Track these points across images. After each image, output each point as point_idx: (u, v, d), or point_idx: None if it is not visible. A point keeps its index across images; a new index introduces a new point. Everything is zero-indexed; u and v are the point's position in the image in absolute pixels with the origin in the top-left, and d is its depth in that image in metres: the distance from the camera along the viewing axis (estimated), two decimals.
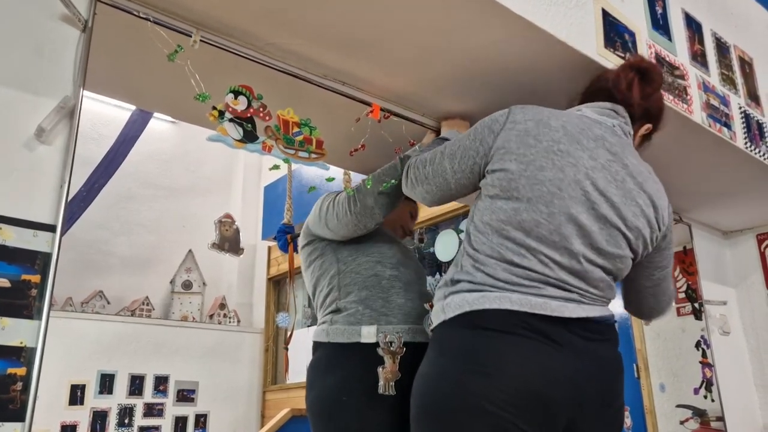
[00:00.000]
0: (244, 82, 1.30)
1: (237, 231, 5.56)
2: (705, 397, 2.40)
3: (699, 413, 2.78)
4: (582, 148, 1.19)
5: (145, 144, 6.37)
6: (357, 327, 1.48)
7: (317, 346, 1.59)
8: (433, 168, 1.31)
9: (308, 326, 5.87)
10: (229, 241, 5.54)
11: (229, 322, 6.17)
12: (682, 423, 2.80)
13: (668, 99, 1.65)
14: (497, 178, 1.18)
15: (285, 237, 3.31)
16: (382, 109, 1.56)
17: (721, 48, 1.99)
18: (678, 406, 2.84)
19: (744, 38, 2.15)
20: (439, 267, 4.52)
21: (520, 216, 1.15)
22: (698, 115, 1.76)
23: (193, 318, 6.05)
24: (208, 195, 6.76)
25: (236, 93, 1.29)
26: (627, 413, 2.25)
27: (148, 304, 5.88)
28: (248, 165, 6.92)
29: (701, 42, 1.88)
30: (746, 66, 2.11)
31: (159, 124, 6.59)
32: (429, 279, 1.53)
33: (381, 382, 1.36)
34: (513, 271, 1.14)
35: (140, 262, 6.10)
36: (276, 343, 6.29)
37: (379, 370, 1.37)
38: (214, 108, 1.25)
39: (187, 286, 6.18)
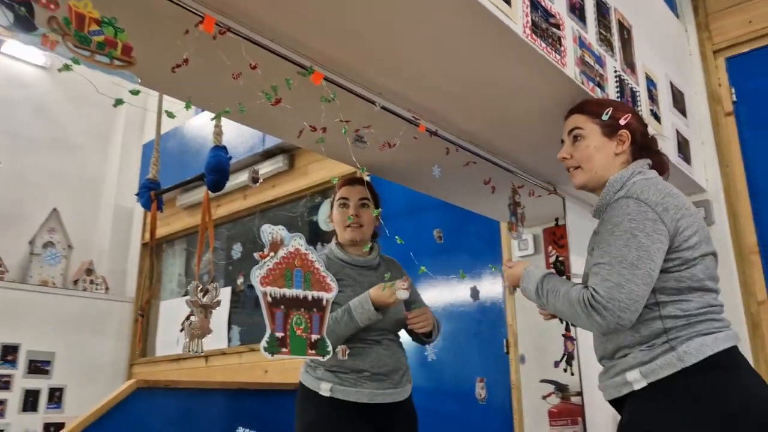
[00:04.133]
0: None
1: None
2: (565, 370, 2.36)
3: (561, 388, 2.78)
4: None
5: (10, 89, 5.71)
6: None
7: None
8: (633, 282, 1.33)
9: (183, 296, 5.52)
10: None
11: (96, 289, 5.68)
12: (544, 398, 2.79)
13: (540, 46, 1.53)
14: (685, 253, 1.38)
15: (148, 193, 2.96)
16: (217, 23, 1.32)
17: (601, 8, 1.91)
18: (541, 381, 2.83)
19: (625, 4, 2.09)
20: (320, 237, 4.34)
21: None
22: (571, 70, 1.66)
23: (54, 283, 5.52)
24: (82, 151, 6.18)
25: None
26: (483, 384, 2.17)
27: (0, 266, 5.29)
28: (130, 121, 6.39)
29: None
30: (625, 32, 2.05)
31: (28, 69, 5.93)
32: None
33: (186, 339, 1.15)
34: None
35: None
36: (149, 313, 5.88)
37: (186, 324, 1.16)
38: None
39: (50, 247, 5.62)
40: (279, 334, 1.33)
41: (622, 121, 1.53)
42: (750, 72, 2.71)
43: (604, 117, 1.54)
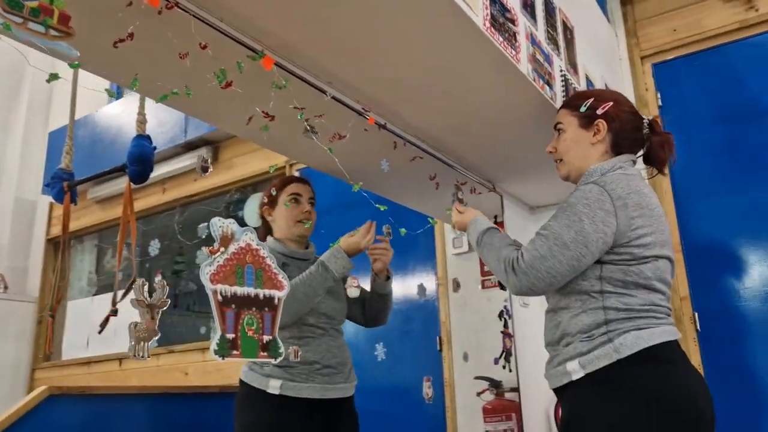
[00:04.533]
0: None
1: None
2: (504, 367, 2.39)
3: (495, 384, 2.81)
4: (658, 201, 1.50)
5: None
6: None
7: None
8: (557, 260, 1.39)
9: (93, 295, 5.19)
10: None
11: None
12: (478, 395, 2.81)
13: (498, 40, 1.51)
14: (635, 249, 1.40)
15: (61, 184, 2.74)
16: None
17: (548, 6, 1.92)
18: (476, 378, 2.85)
19: (567, 5, 2.12)
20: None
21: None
22: (525, 66, 1.65)
23: None
24: None
25: None
26: (430, 384, 2.15)
27: None
28: (34, 106, 5.92)
29: None
30: (568, 32, 2.08)
31: None
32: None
33: (132, 343, 1.04)
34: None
35: None
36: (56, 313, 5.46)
37: (131, 327, 1.04)
38: None
39: None
40: (230, 336, 1.24)
41: (599, 111, 1.54)
42: (674, 78, 2.84)
43: (582, 109, 1.56)
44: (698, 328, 2.60)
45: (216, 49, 1.30)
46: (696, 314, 2.62)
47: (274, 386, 1.79)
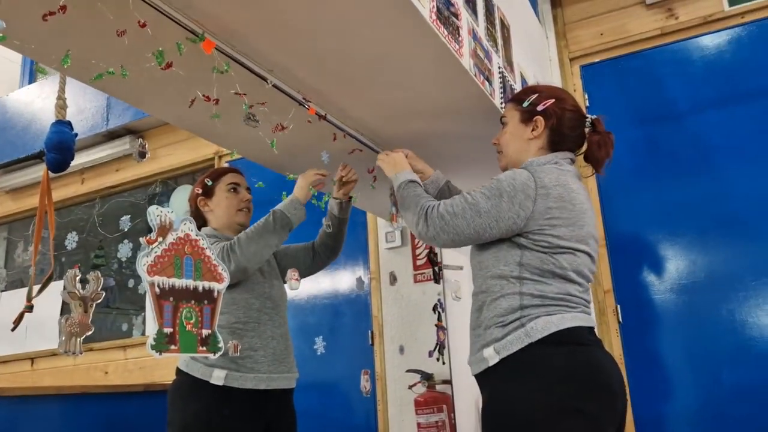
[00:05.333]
0: None
1: None
2: (438, 359, 2.41)
3: (426, 377, 2.84)
4: (586, 199, 1.53)
5: None
6: None
7: None
8: (466, 222, 1.46)
9: (2, 291, 4.86)
10: None
11: None
12: (410, 387, 2.83)
13: (443, 34, 1.52)
14: (549, 238, 1.43)
15: None
16: None
17: (488, 3, 1.95)
18: (407, 371, 2.87)
19: (504, 4, 2.17)
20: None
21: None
22: (467, 61, 1.67)
23: None
24: None
25: None
26: (367, 377, 2.15)
27: None
28: None
29: None
30: (505, 30, 2.12)
31: None
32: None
33: (62, 338, 0.97)
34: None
35: None
36: None
37: (61, 321, 0.98)
38: None
39: None
40: (167, 330, 1.19)
41: (539, 107, 1.57)
42: (601, 80, 2.97)
43: (525, 104, 1.59)
44: (620, 319, 2.73)
45: (154, 30, 1.24)
46: (618, 306, 2.75)
47: (218, 377, 1.73)
